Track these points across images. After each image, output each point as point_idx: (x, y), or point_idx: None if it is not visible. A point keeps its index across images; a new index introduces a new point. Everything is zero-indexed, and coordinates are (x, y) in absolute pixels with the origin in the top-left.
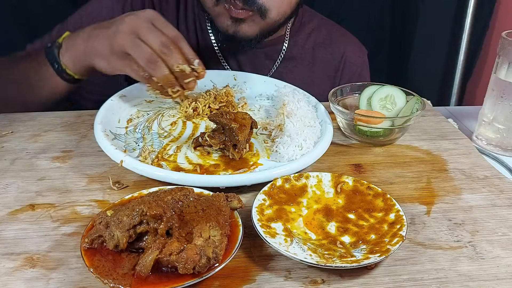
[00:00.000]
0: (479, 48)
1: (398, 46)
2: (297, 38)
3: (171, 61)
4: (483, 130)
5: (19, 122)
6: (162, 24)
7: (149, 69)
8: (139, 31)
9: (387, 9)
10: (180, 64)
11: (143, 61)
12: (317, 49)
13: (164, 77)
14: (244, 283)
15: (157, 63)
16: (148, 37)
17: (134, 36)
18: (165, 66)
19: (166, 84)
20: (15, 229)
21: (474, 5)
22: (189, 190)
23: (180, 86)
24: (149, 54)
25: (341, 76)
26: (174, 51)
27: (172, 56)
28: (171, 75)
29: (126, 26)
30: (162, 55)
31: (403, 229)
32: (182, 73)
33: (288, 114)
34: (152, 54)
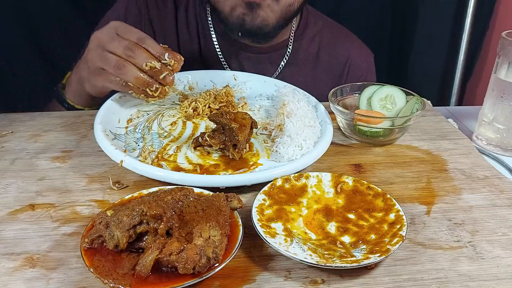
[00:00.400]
0: (479, 48)
1: (398, 46)
2: (301, 42)
3: (138, 61)
4: (483, 130)
5: (19, 122)
6: (124, 30)
7: (119, 75)
8: (103, 43)
9: (387, 9)
10: (149, 62)
11: (112, 69)
12: (321, 53)
13: (136, 79)
14: (244, 283)
15: (125, 67)
16: (111, 46)
17: (100, 49)
18: (134, 68)
19: (142, 85)
20: (15, 229)
21: (474, 5)
22: (189, 190)
23: (158, 84)
24: (115, 61)
25: (345, 81)
26: (138, 52)
27: (138, 56)
28: (143, 75)
29: (92, 43)
30: (128, 58)
31: (403, 229)
32: (154, 70)
33: (288, 114)
34: (118, 59)
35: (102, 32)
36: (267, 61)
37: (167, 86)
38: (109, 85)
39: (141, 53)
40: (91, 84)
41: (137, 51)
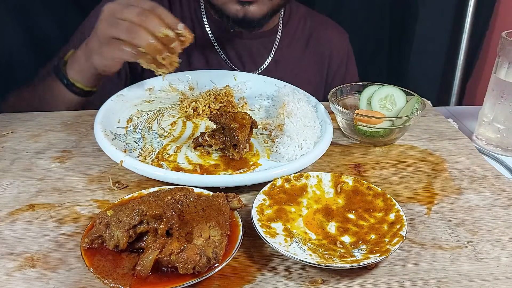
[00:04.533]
0: (479, 48)
1: (398, 46)
2: (289, 27)
3: (152, 27)
4: (483, 130)
5: (19, 122)
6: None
7: (131, 39)
8: (115, 13)
9: (387, 9)
10: (163, 29)
11: (124, 34)
12: (306, 37)
13: (149, 45)
14: (244, 283)
15: (138, 31)
16: (123, 13)
17: (112, 17)
18: (147, 32)
19: (153, 52)
20: (15, 229)
21: (474, 5)
22: (189, 190)
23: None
24: (128, 25)
25: (329, 62)
26: (152, 18)
27: (151, 22)
28: (156, 41)
29: (103, 14)
30: (141, 23)
31: (403, 229)
32: (167, 38)
33: (288, 114)
34: (130, 24)
35: (113, 3)
36: (260, 46)
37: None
38: (120, 54)
39: (155, 20)
40: (101, 56)
41: (151, 17)
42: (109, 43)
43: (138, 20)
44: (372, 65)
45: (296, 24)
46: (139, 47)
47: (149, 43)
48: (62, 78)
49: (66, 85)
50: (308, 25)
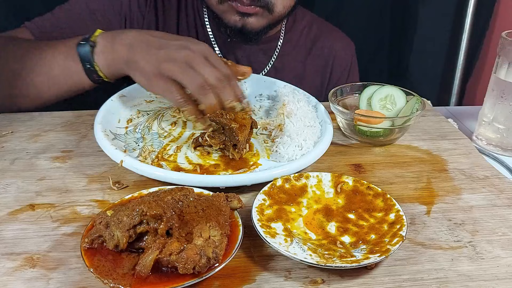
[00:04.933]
0: (479, 48)
1: (398, 46)
2: (291, 35)
3: (224, 96)
4: (483, 130)
5: (19, 122)
6: (217, 61)
7: (199, 95)
8: (193, 62)
9: (387, 9)
10: (233, 101)
11: (194, 86)
12: (309, 45)
13: (211, 107)
14: (244, 283)
15: (209, 91)
16: (203, 70)
17: (186, 65)
18: (214, 97)
19: (209, 113)
20: (15, 229)
21: (474, 5)
22: (189, 190)
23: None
24: (202, 82)
25: (331, 71)
26: (228, 87)
27: (226, 91)
28: (219, 106)
29: (180, 56)
30: (216, 88)
31: (403, 229)
32: (231, 110)
33: (288, 114)
34: (204, 82)
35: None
36: (261, 53)
37: None
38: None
39: (229, 90)
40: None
41: (226, 86)
42: (165, 80)
43: (216, 85)
44: (372, 65)
45: (299, 31)
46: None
47: (210, 106)
48: (85, 60)
49: (86, 69)
50: (312, 33)
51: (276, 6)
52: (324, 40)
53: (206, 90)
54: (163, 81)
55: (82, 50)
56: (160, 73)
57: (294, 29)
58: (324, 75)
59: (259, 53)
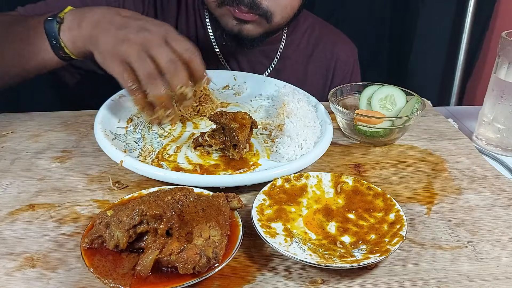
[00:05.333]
0: (479, 48)
1: (398, 46)
2: (293, 37)
3: (174, 81)
4: (483, 130)
5: (19, 122)
6: (175, 38)
7: (146, 84)
8: (149, 45)
9: (387, 9)
10: (184, 87)
11: (143, 74)
12: (311, 48)
13: (158, 96)
14: (244, 283)
15: (157, 80)
16: (157, 53)
17: (141, 48)
18: (165, 86)
19: (158, 104)
20: (15, 229)
21: (474, 5)
22: (189, 190)
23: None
24: (151, 69)
25: (333, 74)
26: (180, 71)
27: (177, 75)
28: (167, 97)
29: (137, 38)
30: (167, 72)
31: (403, 229)
32: (183, 96)
33: (288, 114)
34: (154, 70)
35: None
36: (262, 55)
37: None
38: (119, 79)
39: (181, 73)
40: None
41: (178, 69)
42: (119, 62)
43: (166, 69)
44: (372, 65)
45: (301, 34)
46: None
47: (159, 97)
48: (51, 37)
49: (52, 45)
50: (314, 36)
51: (275, 16)
52: (326, 43)
53: (154, 79)
54: (117, 63)
55: (49, 26)
56: (115, 53)
57: (296, 32)
58: (326, 78)
59: (260, 56)
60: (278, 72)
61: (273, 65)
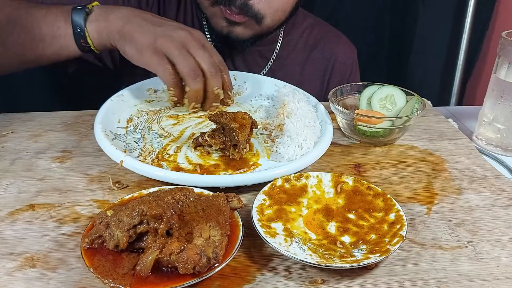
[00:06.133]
0: (479, 48)
1: (398, 46)
2: (290, 38)
3: (213, 83)
4: (483, 130)
5: (19, 122)
6: (211, 49)
7: (189, 78)
8: (189, 44)
9: (387, 9)
10: (220, 88)
11: (186, 69)
12: (308, 48)
13: (196, 91)
14: (244, 283)
15: (199, 76)
16: (199, 55)
17: (182, 45)
18: (203, 83)
19: (192, 98)
20: (15, 229)
21: (474, 5)
22: (189, 190)
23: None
24: (195, 66)
25: (330, 75)
26: (218, 75)
27: (216, 78)
28: (203, 92)
29: (177, 36)
30: (208, 73)
31: (403, 229)
32: (216, 96)
33: (288, 114)
34: (197, 67)
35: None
36: (258, 55)
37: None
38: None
39: (219, 78)
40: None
41: (218, 74)
42: (159, 56)
43: (208, 71)
44: (372, 65)
45: (299, 34)
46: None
47: (198, 90)
48: (77, 24)
49: (75, 33)
50: (313, 37)
51: (265, 18)
52: (325, 44)
53: (196, 74)
54: (157, 56)
55: (76, 15)
56: (155, 47)
57: (293, 32)
58: (323, 79)
59: (256, 56)
60: (274, 73)
61: (269, 65)
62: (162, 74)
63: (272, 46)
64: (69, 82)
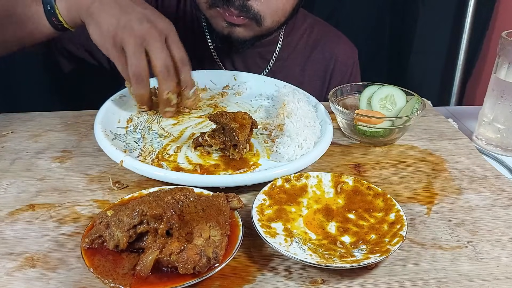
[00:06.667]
0: (479, 48)
1: (398, 46)
2: (290, 38)
3: (163, 86)
4: (483, 130)
5: (19, 122)
6: (174, 42)
7: (132, 80)
8: (149, 39)
9: (387, 9)
10: (170, 94)
11: (132, 70)
12: (309, 49)
13: (139, 96)
14: (244, 283)
15: (143, 82)
16: (155, 53)
17: (141, 41)
18: (148, 86)
19: (137, 101)
20: (15, 229)
21: (474, 5)
22: (189, 190)
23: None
24: (141, 70)
25: (331, 76)
26: (170, 77)
27: (168, 82)
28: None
29: (139, 29)
30: (159, 74)
31: (403, 229)
32: (166, 101)
33: (288, 114)
34: (144, 70)
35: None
36: (257, 56)
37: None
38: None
39: (171, 80)
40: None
41: (170, 77)
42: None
43: (159, 73)
44: (372, 65)
45: (299, 35)
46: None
47: (142, 96)
48: (47, 2)
49: (46, 11)
50: (313, 37)
51: (265, 20)
52: (325, 45)
53: (139, 80)
54: (115, 49)
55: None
56: (114, 38)
57: (294, 33)
58: (324, 80)
59: (256, 57)
60: (274, 74)
61: (269, 67)
62: (120, 68)
63: (272, 47)
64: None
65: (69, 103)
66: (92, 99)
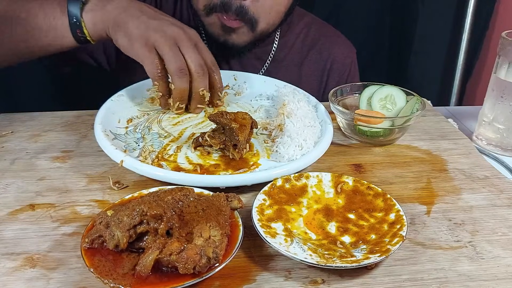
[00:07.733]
0: (479, 48)
1: (398, 46)
2: (286, 39)
3: (199, 83)
4: (483, 130)
5: (19, 122)
6: (204, 48)
7: (175, 76)
8: (181, 42)
9: (387, 9)
10: (205, 90)
11: (174, 67)
12: (305, 49)
13: (181, 90)
14: (244, 283)
15: (186, 76)
16: (189, 54)
17: (174, 42)
18: (188, 82)
19: (177, 97)
20: (15, 229)
21: (474, 5)
22: (189, 190)
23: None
24: (183, 65)
25: (328, 76)
26: (205, 76)
27: (203, 80)
28: (188, 92)
29: (171, 31)
30: (194, 73)
31: (403, 229)
32: (201, 98)
33: (288, 114)
34: (185, 66)
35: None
36: (253, 58)
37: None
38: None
39: (205, 79)
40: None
41: (205, 75)
42: (148, 48)
43: (195, 72)
44: (372, 65)
45: (295, 35)
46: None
47: (182, 90)
48: (73, 14)
49: (71, 23)
50: (310, 37)
51: (259, 23)
52: (323, 44)
53: (183, 74)
54: (147, 48)
55: (72, 5)
56: (146, 39)
57: (290, 34)
58: (321, 80)
59: (252, 58)
60: (270, 75)
61: (265, 67)
62: (148, 66)
63: (268, 48)
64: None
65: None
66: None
